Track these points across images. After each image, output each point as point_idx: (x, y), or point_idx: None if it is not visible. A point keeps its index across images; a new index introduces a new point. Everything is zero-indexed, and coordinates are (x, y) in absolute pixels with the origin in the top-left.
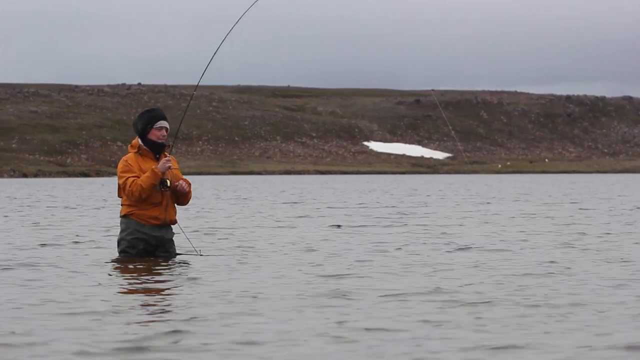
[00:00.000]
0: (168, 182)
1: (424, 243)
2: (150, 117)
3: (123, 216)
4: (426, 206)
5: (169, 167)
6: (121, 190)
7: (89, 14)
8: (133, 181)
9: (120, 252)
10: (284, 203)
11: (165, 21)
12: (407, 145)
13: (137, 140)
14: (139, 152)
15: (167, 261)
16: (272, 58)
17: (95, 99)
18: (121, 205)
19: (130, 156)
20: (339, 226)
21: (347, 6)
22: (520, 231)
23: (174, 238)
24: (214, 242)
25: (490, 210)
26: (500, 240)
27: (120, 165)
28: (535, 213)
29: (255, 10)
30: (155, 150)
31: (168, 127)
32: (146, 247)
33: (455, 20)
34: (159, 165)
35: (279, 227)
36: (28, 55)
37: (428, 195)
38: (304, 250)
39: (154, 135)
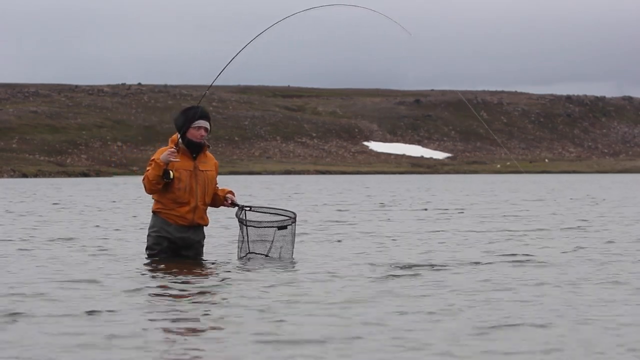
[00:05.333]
0: (171, 173)
1: None
2: (189, 116)
3: (153, 212)
4: None
5: (171, 158)
6: None
7: (89, 14)
8: (146, 173)
9: (146, 249)
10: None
11: (165, 21)
12: (407, 145)
13: (177, 136)
14: (176, 148)
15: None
16: (272, 58)
17: (95, 99)
18: (153, 200)
19: (163, 150)
20: None
21: (347, 6)
22: None
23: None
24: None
25: None
26: None
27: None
28: None
29: (255, 10)
30: (193, 149)
31: (208, 126)
32: (170, 246)
33: (456, 20)
34: (161, 156)
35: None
36: (28, 55)
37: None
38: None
39: (192, 134)
